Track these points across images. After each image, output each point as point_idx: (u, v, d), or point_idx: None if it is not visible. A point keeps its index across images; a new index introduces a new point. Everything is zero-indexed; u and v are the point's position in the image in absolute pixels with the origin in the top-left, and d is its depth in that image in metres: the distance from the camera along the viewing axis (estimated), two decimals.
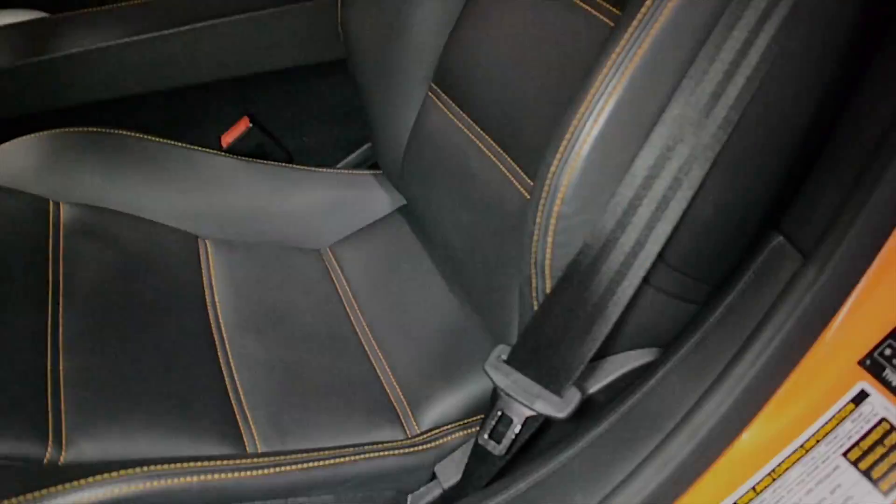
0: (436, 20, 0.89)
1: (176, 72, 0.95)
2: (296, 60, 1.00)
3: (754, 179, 0.59)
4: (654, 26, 0.53)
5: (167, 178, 0.94)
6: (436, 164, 0.90)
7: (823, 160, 0.60)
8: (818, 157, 0.62)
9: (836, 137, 0.60)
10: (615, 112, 0.53)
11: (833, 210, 0.56)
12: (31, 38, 0.91)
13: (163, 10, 0.95)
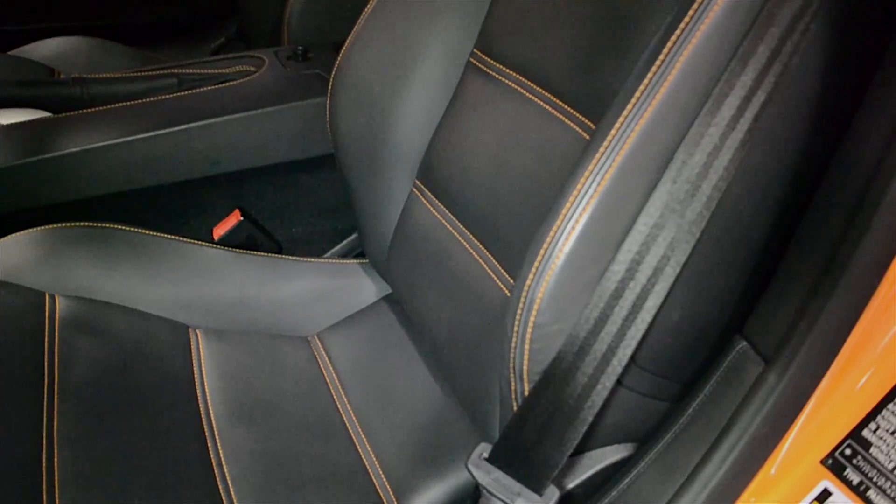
0: (419, 120, 0.94)
1: (171, 169, 0.99)
2: (286, 156, 1.05)
3: (717, 286, 0.63)
4: (626, 144, 0.57)
5: (160, 270, 0.97)
6: (420, 257, 0.94)
7: (782, 268, 0.64)
8: (779, 261, 0.66)
9: (792, 249, 0.64)
10: (587, 229, 0.57)
11: (792, 316, 0.60)
12: (33, 137, 0.95)
13: (160, 110, 1.00)
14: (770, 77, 0.55)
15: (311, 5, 1.26)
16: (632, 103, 0.57)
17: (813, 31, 0.56)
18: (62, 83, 1.07)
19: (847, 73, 0.61)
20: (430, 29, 0.91)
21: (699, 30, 0.55)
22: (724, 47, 0.55)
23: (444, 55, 0.92)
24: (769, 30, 0.54)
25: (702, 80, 0.55)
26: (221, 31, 1.83)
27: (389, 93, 0.94)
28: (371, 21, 0.94)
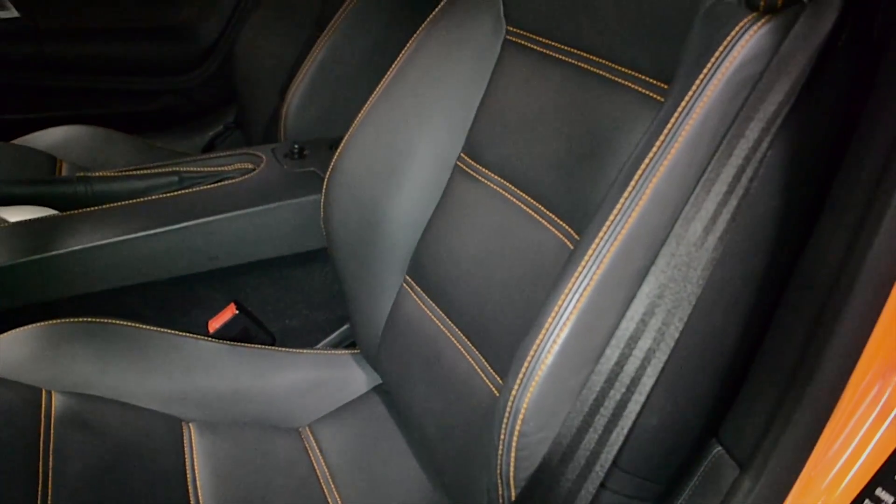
0: (410, 219, 0.98)
1: (170, 265, 1.03)
2: (281, 251, 1.08)
3: (692, 392, 0.65)
4: (602, 262, 0.61)
5: (155, 364, 0.99)
6: (410, 351, 0.96)
7: (752, 373, 0.68)
8: (749, 366, 0.69)
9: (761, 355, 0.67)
10: (568, 342, 0.60)
11: (763, 422, 0.62)
12: (38, 235, 0.99)
13: (161, 208, 1.04)
14: (732, 200, 0.59)
15: (308, 102, 1.32)
16: (607, 225, 0.61)
17: (770, 158, 0.60)
18: (67, 181, 1.12)
19: (804, 189, 0.65)
20: (420, 134, 0.96)
21: (666, 159, 0.60)
22: (689, 175, 0.60)
23: (434, 159, 0.96)
24: (729, 159, 0.58)
25: (670, 204, 0.59)
26: (220, 120, 1.89)
27: (381, 193, 0.98)
28: (365, 125, 0.99)
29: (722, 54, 0.61)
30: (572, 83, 0.82)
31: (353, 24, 1.30)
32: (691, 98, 0.61)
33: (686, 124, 0.60)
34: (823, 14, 0.61)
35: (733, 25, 0.62)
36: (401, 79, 0.98)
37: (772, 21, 0.62)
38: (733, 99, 0.61)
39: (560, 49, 0.84)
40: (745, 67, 0.61)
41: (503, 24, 0.93)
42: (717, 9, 0.65)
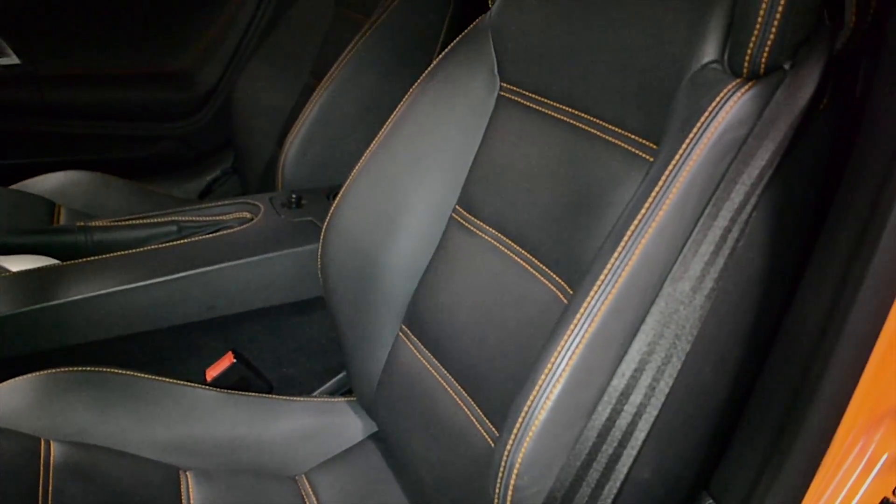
0: (406, 269, 1.00)
1: (168, 314, 1.04)
2: (278, 299, 1.10)
3: (683, 446, 0.67)
4: (593, 321, 0.63)
5: (153, 412, 1.00)
6: (406, 400, 0.98)
7: (741, 427, 0.69)
8: (739, 419, 0.71)
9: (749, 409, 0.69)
10: (560, 399, 0.62)
11: (752, 476, 0.64)
12: (40, 284, 1.00)
13: (160, 258, 1.05)
14: (720, 260, 0.61)
15: (305, 152, 1.35)
16: (598, 283, 0.63)
17: (755, 220, 0.62)
18: (68, 231, 1.13)
19: (789, 248, 0.67)
20: (416, 186, 0.98)
21: (655, 220, 0.62)
22: (677, 236, 0.62)
23: (429, 210, 0.98)
24: (716, 221, 0.61)
25: (659, 264, 0.62)
26: (217, 165, 1.92)
27: (378, 243, 1.00)
28: (361, 176, 1.01)
29: (707, 119, 0.64)
30: (564, 140, 0.84)
31: (350, 76, 1.33)
32: (678, 161, 0.64)
33: (674, 186, 0.63)
34: (805, 80, 0.63)
35: (718, 91, 0.65)
36: (397, 131, 1.00)
37: (755, 87, 0.65)
38: (719, 162, 0.63)
39: (552, 106, 0.87)
40: (730, 132, 0.63)
41: (497, 80, 0.96)
42: (702, 74, 0.68)
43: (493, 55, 0.96)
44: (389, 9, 1.33)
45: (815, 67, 0.64)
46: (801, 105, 0.63)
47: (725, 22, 0.68)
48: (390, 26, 1.34)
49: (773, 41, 0.63)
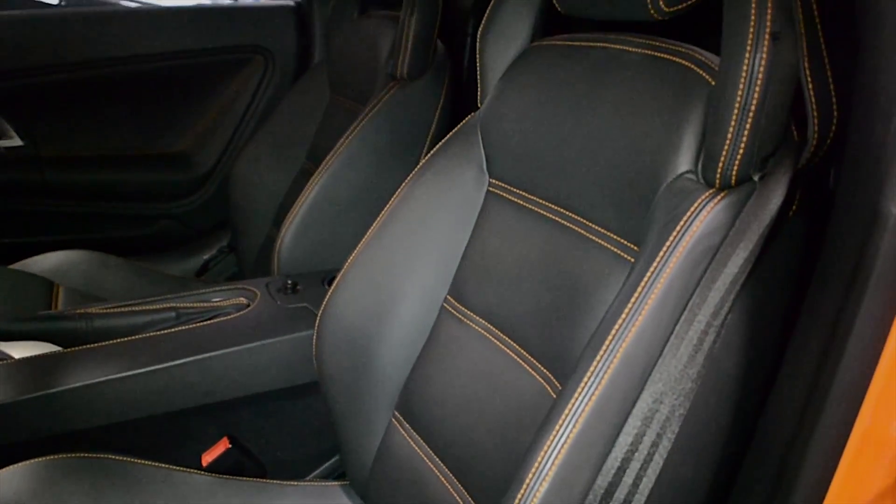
0: (399, 357, 1.03)
1: (166, 401, 1.06)
2: (273, 385, 1.12)
3: None
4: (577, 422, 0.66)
5: (149, 498, 1.01)
6: (398, 485, 0.99)
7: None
8: None
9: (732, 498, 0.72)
10: (547, 497, 0.64)
11: None
12: (41, 372, 1.02)
13: (158, 346, 1.08)
14: (699, 357, 0.65)
15: (301, 237, 1.38)
16: (581, 385, 0.66)
17: (730, 322, 0.66)
18: (69, 317, 1.16)
19: (764, 347, 0.71)
20: (409, 276, 1.02)
21: (634, 325, 0.66)
22: (656, 339, 0.65)
23: (421, 300, 1.02)
24: (692, 325, 0.64)
25: (639, 366, 0.65)
26: (214, 243, 1.96)
27: (371, 331, 1.03)
28: (356, 266, 1.05)
29: (683, 228, 0.68)
30: (551, 237, 0.89)
31: (346, 163, 1.38)
32: (656, 268, 0.67)
33: (652, 292, 0.67)
34: (774, 191, 0.68)
35: (693, 200, 0.69)
36: (391, 223, 1.04)
37: (727, 197, 0.69)
38: (694, 269, 0.67)
39: (539, 203, 0.92)
40: (705, 240, 0.68)
41: (486, 176, 1.01)
42: (678, 183, 0.73)
43: (482, 152, 1.01)
44: (384, 99, 1.39)
45: (783, 178, 0.68)
46: (771, 214, 0.67)
47: (698, 135, 0.72)
48: (385, 115, 1.39)
49: (742, 155, 0.68)
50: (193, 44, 1.86)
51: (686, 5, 0.77)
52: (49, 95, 1.83)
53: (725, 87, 0.68)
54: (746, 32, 0.66)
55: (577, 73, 0.89)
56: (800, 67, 0.66)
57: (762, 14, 0.65)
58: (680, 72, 0.76)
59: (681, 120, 0.73)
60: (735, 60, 0.67)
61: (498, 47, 1.02)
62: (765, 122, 0.67)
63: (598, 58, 0.87)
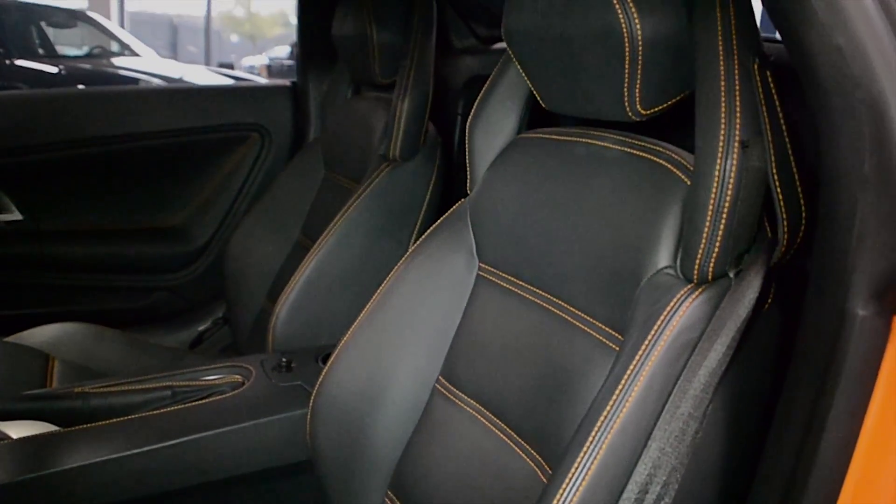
0: (391, 437, 1.05)
1: (161, 480, 1.07)
2: (267, 463, 1.13)
3: None
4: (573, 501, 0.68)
5: None
6: None
7: None
8: None
9: None
10: None
11: None
12: (39, 452, 1.03)
13: (155, 425, 1.09)
14: (682, 447, 0.67)
15: (295, 313, 1.41)
16: (569, 476, 0.68)
17: (712, 413, 0.69)
18: (66, 396, 1.18)
19: (746, 434, 0.74)
20: (401, 358, 1.05)
21: (618, 418, 0.69)
22: (640, 431, 0.68)
23: (413, 381, 1.05)
24: (674, 416, 0.68)
25: (624, 458, 0.68)
26: (209, 315, 1.98)
27: (365, 412, 1.05)
28: (349, 347, 1.08)
29: (664, 322, 0.72)
30: (539, 322, 0.92)
31: (340, 240, 1.42)
32: (639, 361, 0.71)
33: (635, 385, 0.70)
34: (749, 285, 0.72)
35: (672, 296, 0.73)
36: (384, 305, 1.08)
37: (705, 292, 0.73)
38: (675, 362, 0.70)
39: (527, 289, 0.95)
40: (684, 335, 0.71)
41: (476, 261, 1.05)
42: (658, 278, 0.76)
43: (471, 238, 1.05)
44: (377, 179, 1.44)
45: (757, 274, 0.72)
46: (747, 308, 0.71)
47: (676, 232, 0.77)
48: (378, 195, 1.44)
49: (717, 254, 0.72)
50: (193, 122, 1.92)
51: (661, 108, 0.82)
52: (49, 171, 1.88)
53: (699, 191, 0.72)
54: (717, 140, 0.71)
55: (561, 167, 0.93)
56: (768, 172, 0.71)
57: (731, 123, 0.70)
58: (657, 171, 0.81)
59: (659, 218, 0.78)
60: (707, 166, 0.71)
61: (486, 138, 1.07)
62: (737, 223, 0.71)
63: (580, 153, 0.92)
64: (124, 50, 6.73)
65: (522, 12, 0.90)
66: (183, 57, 13.62)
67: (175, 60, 8.79)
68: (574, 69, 0.85)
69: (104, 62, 6.32)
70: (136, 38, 7.20)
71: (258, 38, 16.47)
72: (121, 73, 6.00)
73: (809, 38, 0.60)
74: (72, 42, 6.85)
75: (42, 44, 6.24)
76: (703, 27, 0.74)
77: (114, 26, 7.53)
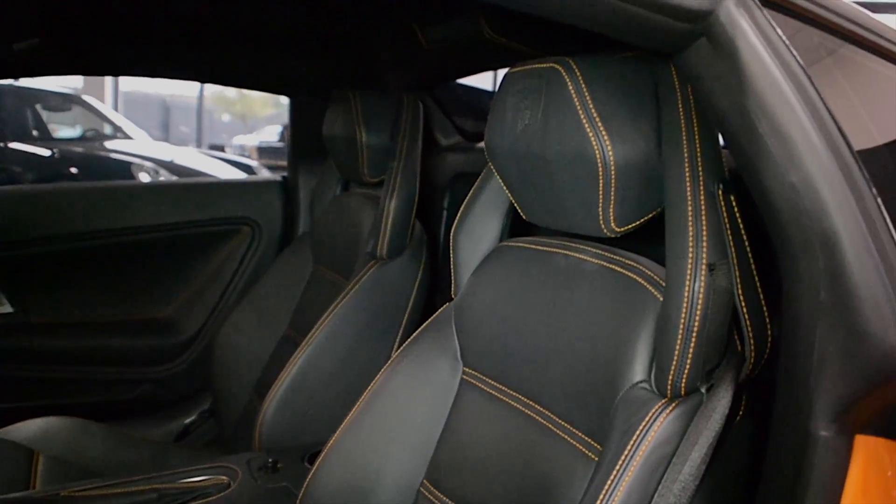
0: None
1: None
2: None
3: None
4: None
5: None
6: None
7: None
8: None
9: None
10: None
11: None
12: None
13: None
14: None
15: (283, 411, 1.42)
16: None
17: None
18: (51, 500, 1.18)
19: None
20: (386, 462, 1.06)
21: None
22: None
23: (398, 484, 1.06)
24: None
25: None
26: (195, 407, 1.98)
27: None
28: (334, 452, 1.09)
29: (639, 437, 0.74)
30: (520, 428, 0.94)
31: (328, 337, 1.44)
32: (617, 474, 0.73)
33: (613, 498, 0.72)
34: (721, 399, 0.75)
35: (647, 411, 0.76)
36: (370, 409, 1.09)
37: (679, 407, 0.76)
38: (652, 475, 0.73)
39: (509, 394, 0.98)
40: (659, 449, 0.74)
41: (460, 365, 1.07)
42: (634, 392, 0.79)
43: (456, 342, 1.08)
44: (364, 277, 1.47)
45: (728, 388, 0.76)
46: (719, 421, 0.74)
47: (650, 348, 0.80)
48: (365, 293, 1.47)
49: (689, 370, 0.75)
50: (184, 216, 1.96)
51: (634, 225, 0.87)
52: (41, 264, 1.90)
53: (670, 310, 0.76)
54: (685, 263, 0.75)
55: (541, 277, 0.97)
56: (734, 293, 0.75)
57: (699, 246, 0.74)
58: (632, 286, 0.84)
59: (634, 333, 0.81)
60: (677, 287, 0.75)
61: (470, 244, 1.11)
62: (707, 341, 0.75)
63: (560, 264, 0.95)
64: (117, 132, 6.83)
65: (504, 132, 0.95)
66: (175, 137, 13.85)
67: (166, 142, 8.94)
68: (552, 187, 0.90)
69: (97, 145, 6.41)
70: (129, 118, 7.32)
71: (249, 117, 16.76)
72: (113, 156, 6.08)
73: (766, 175, 0.65)
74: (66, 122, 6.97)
75: (37, 126, 6.34)
76: (670, 153, 0.79)
77: (107, 109, 7.67)
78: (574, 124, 0.83)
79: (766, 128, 0.64)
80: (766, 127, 0.64)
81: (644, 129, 0.83)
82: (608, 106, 0.82)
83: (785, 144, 0.64)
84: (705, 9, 0.66)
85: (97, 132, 6.86)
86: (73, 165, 5.75)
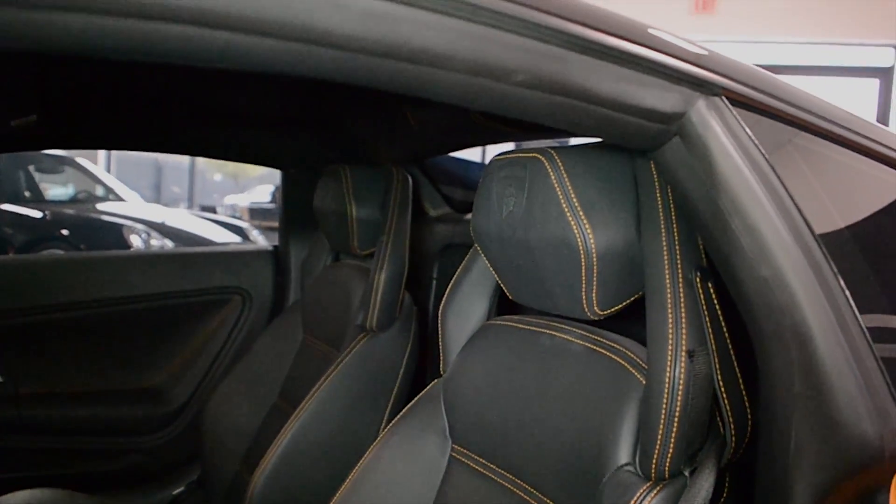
0: None
1: None
2: None
3: None
4: None
5: None
6: None
7: None
8: None
9: None
10: None
11: None
12: None
13: None
14: None
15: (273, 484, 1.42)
16: None
17: None
18: None
19: None
20: None
21: None
22: None
23: None
24: None
25: None
26: (183, 478, 1.97)
27: None
28: None
29: None
30: None
31: (317, 411, 1.45)
32: None
33: None
34: (704, 481, 0.76)
35: (632, 495, 0.77)
36: (359, 488, 1.10)
37: (663, 490, 0.77)
38: None
39: (497, 472, 0.99)
40: None
41: (449, 442, 1.08)
42: (619, 475, 0.81)
43: (444, 419, 1.09)
44: (354, 350, 1.49)
45: (711, 471, 0.77)
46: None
47: (634, 431, 0.82)
48: (355, 365, 1.48)
49: (672, 454, 0.77)
50: (175, 285, 1.97)
51: (616, 308, 0.89)
52: (29, 335, 1.91)
53: (652, 396, 0.78)
54: (665, 350, 0.77)
55: (527, 356, 0.99)
56: (714, 379, 0.77)
57: (678, 334, 0.77)
58: (616, 369, 0.87)
59: (618, 416, 0.83)
60: (658, 373, 0.77)
61: (458, 323, 1.13)
62: (689, 426, 0.77)
63: (545, 344, 0.98)
64: (109, 194, 6.87)
65: (489, 215, 0.98)
66: (167, 197, 13.90)
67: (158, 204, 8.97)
68: (536, 271, 0.93)
69: (89, 207, 6.44)
70: (121, 179, 7.37)
71: (241, 177, 16.87)
72: (104, 218, 6.11)
73: (739, 269, 0.68)
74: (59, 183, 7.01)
75: (29, 187, 6.38)
76: (649, 241, 0.82)
77: (100, 170, 7.73)
78: (556, 213, 0.86)
79: (738, 224, 0.67)
80: (738, 224, 0.67)
81: (624, 217, 0.86)
82: (589, 195, 0.86)
83: (756, 241, 0.67)
84: (678, 111, 0.69)
85: (89, 194, 6.90)
86: (65, 227, 5.77)
